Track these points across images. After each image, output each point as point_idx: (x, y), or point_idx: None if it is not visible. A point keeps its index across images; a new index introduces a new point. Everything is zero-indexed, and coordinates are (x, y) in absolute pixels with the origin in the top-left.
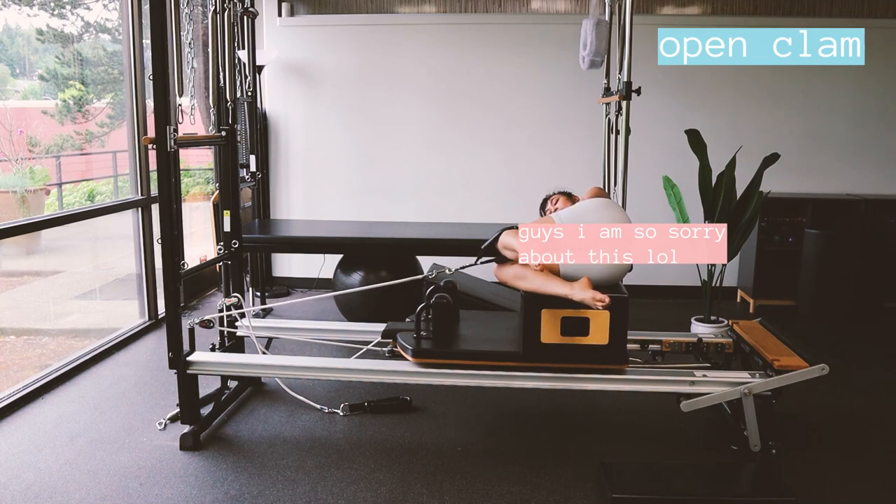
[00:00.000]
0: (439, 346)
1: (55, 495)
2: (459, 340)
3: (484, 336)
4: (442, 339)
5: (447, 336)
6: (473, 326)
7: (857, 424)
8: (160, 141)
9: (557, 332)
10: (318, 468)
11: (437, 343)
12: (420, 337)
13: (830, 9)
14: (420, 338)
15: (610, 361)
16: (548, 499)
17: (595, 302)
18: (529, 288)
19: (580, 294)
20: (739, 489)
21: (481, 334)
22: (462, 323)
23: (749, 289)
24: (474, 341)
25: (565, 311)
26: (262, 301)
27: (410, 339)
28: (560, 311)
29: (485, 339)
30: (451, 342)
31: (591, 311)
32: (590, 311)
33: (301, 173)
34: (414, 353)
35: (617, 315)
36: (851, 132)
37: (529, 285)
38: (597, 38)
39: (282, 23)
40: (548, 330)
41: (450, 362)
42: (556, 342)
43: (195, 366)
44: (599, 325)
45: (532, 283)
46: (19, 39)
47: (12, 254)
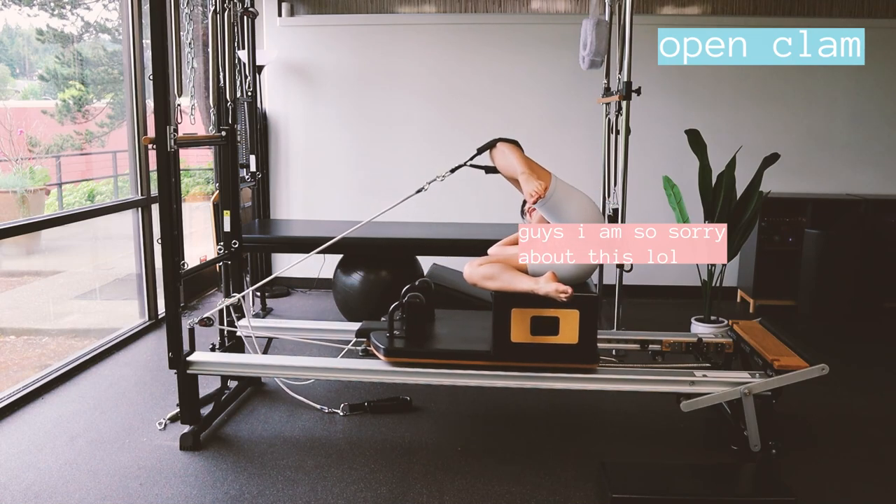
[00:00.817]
0: (411, 346)
1: (55, 495)
2: (431, 340)
3: (457, 335)
4: (414, 338)
5: (420, 335)
6: (447, 326)
7: (857, 424)
8: (160, 141)
9: (527, 331)
10: (318, 468)
11: (410, 342)
12: (393, 336)
13: (830, 9)
14: (393, 337)
15: (580, 361)
16: (548, 499)
17: (559, 294)
18: (498, 287)
19: (545, 287)
20: (739, 489)
21: (454, 333)
22: (437, 322)
23: (749, 289)
24: (446, 340)
25: (535, 311)
26: (262, 301)
27: (383, 338)
28: (530, 310)
29: (457, 338)
30: (424, 341)
31: (560, 310)
32: (560, 310)
33: (301, 173)
34: (386, 352)
35: (586, 314)
36: (851, 132)
37: (498, 284)
38: (597, 38)
39: (282, 23)
40: (518, 329)
41: (421, 361)
42: (526, 341)
43: (195, 366)
44: (569, 324)
45: (500, 281)
46: (19, 39)
47: (12, 254)
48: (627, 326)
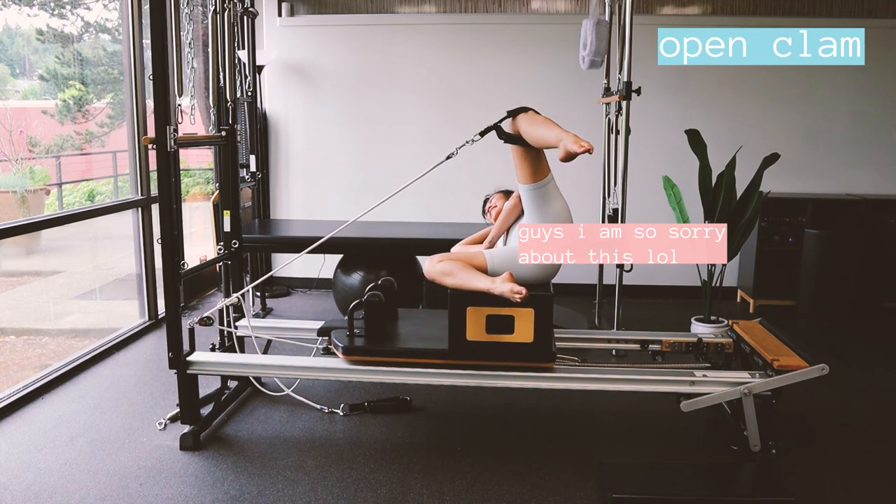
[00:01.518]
0: (369, 344)
1: (55, 495)
2: (390, 338)
3: (416, 334)
4: (373, 337)
5: (379, 334)
6: (408, 324)
7: (857, 424)
8: (160, 141)
9: (483, 329)
10: (318, 468)
11: (368, 341)
12: (352, 335)
13: (830, 9)
14: (352, 335)
15: (536, 359)
16: (548, 499)
17: (513, 294)
18: (455, 284)
19: (500, 287)
20: (739, 489)
21: (414, 332)
22: (399, 321)
23: (749, 289)
24: (405, 339)
25: (490, 309)
26: (263, 301)
27: (343, 336)
28: (485, 308)
29: (416, 336)
30: (382, 340)
31: (516, 309)
32: (515, 309)
33: (301, 173)
34: (344, 350)
35: (542, 313)
36: (851, 132)
37: (455, 282)
38: (597, 38)
39: (282, 23)
40: (473, 328)
41: (379, 360)
42: (482, 340)
43: (195, 366)
44: (524, 323)
45: (457, 279)
46: (19, 39)
47: (12, 254)
48: (627, 326)
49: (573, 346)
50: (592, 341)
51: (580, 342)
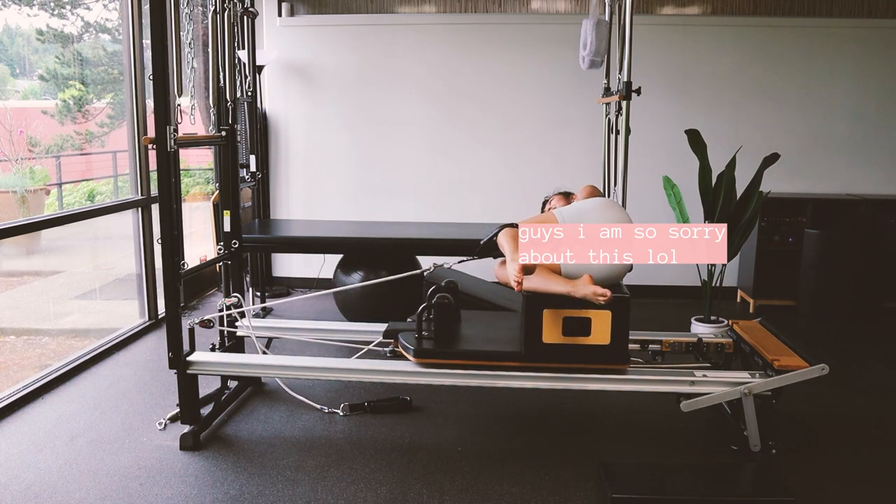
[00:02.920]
0: (440, 347)
1: (55, 495)
2: (461, 340)
3: (485, 336)
4: (443, 339)
5: (448, 336)
6: (475, 326)
7: (857, 424)
8: (160, 141)
9: (559, 331)
10: (318, 468)
11: (439, 343)
12: (422, 337)
13: (830, 9)
14: (422, 338)
15: (612, 361)
16: (548, 499)
17: (597, 297)
18: (531, 287)
19: (582, 290)
20: (739, 489)
21: (483, 334)
22: (464, 323)
23: (749, 289)
24: (476, 341)
25: (567, 311)
26: (262, 301)
27: (412, 339)
28: (562, 311)
29: (486, 339)
30: (453, 342)
31: (593, 311)
32: (592, 311)
33: (301, 173)
34: (416, 353)
35: (619, 315)
36: (851, 132)
37: (531, 285)
38: (597, 38)
39: (282, 23)
40: (549, 330)
41: (451, 362)
42: (558, 342)
43: (195, 366)
44: (601, 324)
45: (533, 282)
46: (19, 39)
47: (12, 254)
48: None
49: None
50: None
51: None
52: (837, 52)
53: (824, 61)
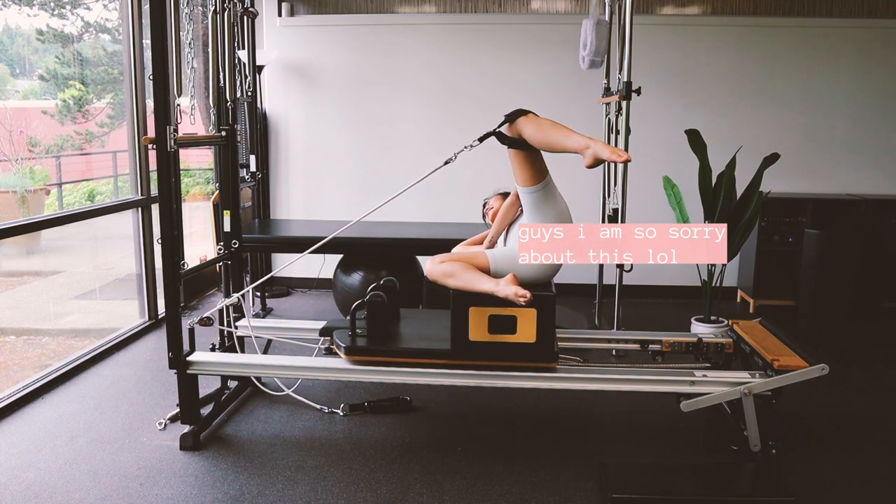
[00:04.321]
0: (372, 344)
1: (55, 495)
2: (392, 338)
3: (418, 334)
4: (375, 337)
5: (381, 334)
6: (410, 325)
7: (857, 424)
8: (160, 141)
9: (485, 330)
10: (318, 468)
11: (371, 341)
12: (354, 335)
13: (830, 9)
14: (354, 335)
15: (538, 359)
16: (548, 499)
17: (518, 297)
18: (458, 286)
19: (505, 290)
20: (739, 489)
21: (416, 332)
22: (401, 321)
23: (749, 289)
24: (407, 339)
25: (493, 310)
26: (263, 301)
27: (345, 336)
28: (487, 309)
29: (418, 337)
30: (384, 340)
31: (518, 309)
32: (517, 309)
33: (301, 173)
34: (347, 350)
35: (544, 313)
36: (851, 132)
37: (458, 283)
38: (597, 38)
39: (282, 23)
40: (476, 328)
41: (381, 360)
42: (484, 340)
43: (195, 366)
44: (527, 323)
45: (460, 280)
46: (19, 39)
47: (12, 254)
48: (627, 326)
49: (573, 346)
50: (592, 341)
51: (580, 342)
52: (837, 52)
53: (824, 61)
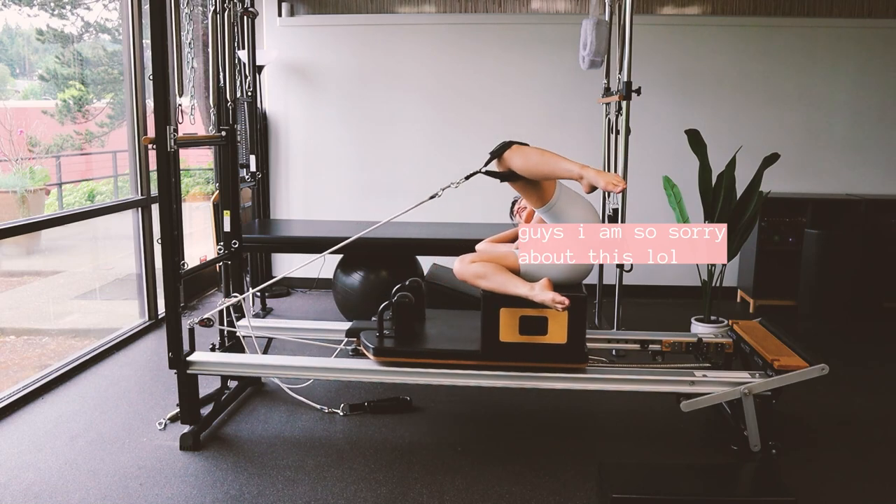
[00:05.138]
0: (400, 345)
1: (55, 495)
2: (421, 339)
3: (446, 335)
4: (403, 337)
5: (409, 335)
6: (437, 325)
7: (857, 424)
8: (160, 141)
9: (516, 330)
10: (318, 468)
11: (399, 342)
12: (382, 336)
13: (830, 9)
14: (382, 336)
15: (569, 360)
16: (548, 499)
17: (555, 304)
18: (490, 287)
19: (541, 296)
20: (739, 489)
21: (444, 333)
22: (427, 322)
23: (749, 289)
24: (435, 340)
25: (524, 310)
26: (263, 301)
27: (373, 337)
28: (518, 309)
29: (447, 337)
30: (412, 341)
31: (549, 310)
32: (548, 310)
33: (301, 173)
34: (375, 351)
35: (575, 314)
36: (851, 132)
37: (490, 284)
38: (597, 38)
39: (282, 23)
40: (506, 329)
41: (410, 361)
42: (515, 341)
43: (195, 366)
44: (558, 324)
45: (493, 282)
46: (19, 39)
47: (12, 254)
48: (627, 326)
49: None
50: (592, 341)
51: None
52: (837, 52)
53: (824, 61)
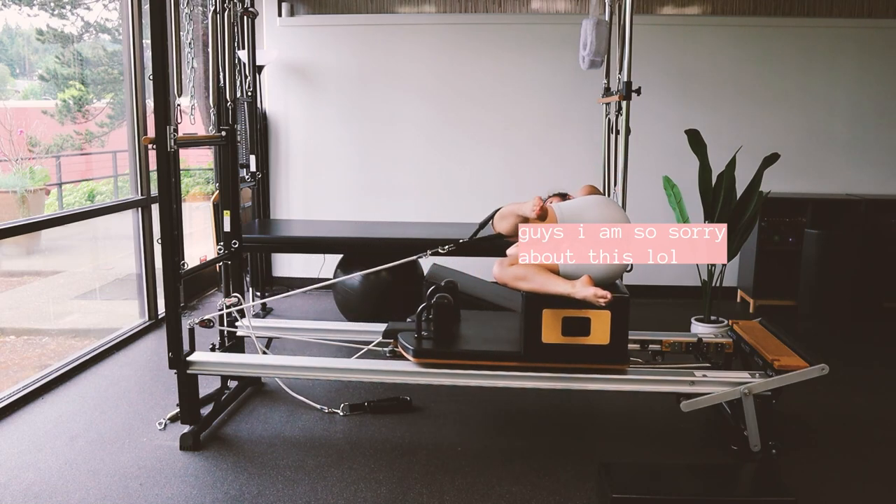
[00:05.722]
0: (440, 347)
1: (55, 495)
2: (460, 340)
3: (485, 336)
4: (443, 339)
5: (448, 336)
6: (474, 326)
7: (857, 424)
8: (160, 141)
9: (559, 332)
10: (318, 468)
11: (438, 343)
12: (421, 337)
13: (830, 9)
14: (421, 338)
15: (611, 361)
16: (548, 499)
17: (597, 299)
18: (530, 288)
19: (582, 292)
20: (739, 489)
21: (482, 334)
22: (463, 323)
23: (749, 289)
24: (475, 341)
25: (567, 311)
26: (263, 302)
27: (411, 339)
28: (561, 311)
29: (486, 339)
30: (452, 342)
31: (592, 311)
32: (591, 311)
33: (301, 173)
34: (415, 353)
35: (618, 315)
36: (851, 132)
37: (531, 286)
38: (597, 38)
39: (282, 23)
40: (549, 330)
41: (451, 362)
42: (557, 342)
43: (195, 366)
44: (601, 324)
45: (533, 283)
46: (19, 39)
47: (12, 254)
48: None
49: None
50: None
51: None
52: (837, 52)
53: (824, 61)
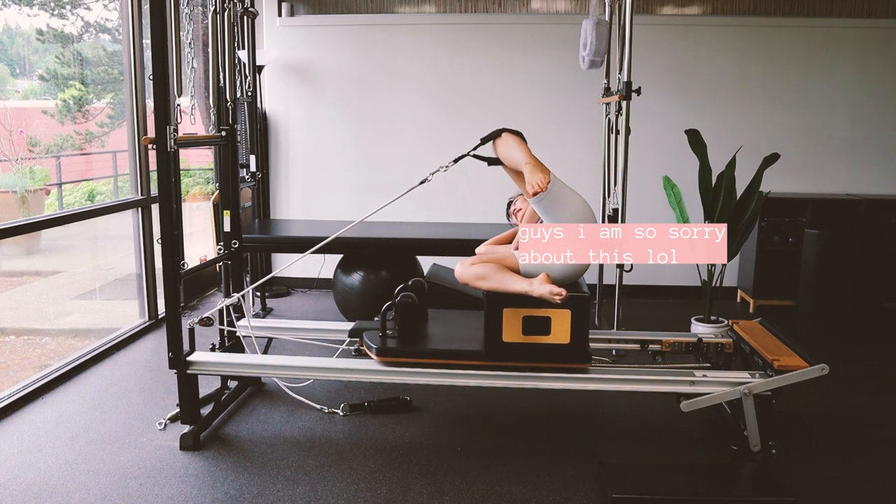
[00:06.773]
0: (403, 345)
1: (55, 495)
2: (424, 339)
3: (449, 335)
4: (406, 338)
5: (412, 335)
6: (440, 325)
7: (857, 424)
8: (160, 141)
9: (519, 331)
10: (318, 468)
11: (402, 342)
12: (385, 336)
13: (830, 9)
14: (385, 337)
15: (572, 360)
16: (548, 499)
17: (553, 296)
18: (491, 287)
19: (539, 289)
20: (739, 489)
21: (447, 333)
22: (430, 322)
23: (749, 289)
24: (439, 340)
25: (527, 311)
26: (262, 301)
27: (376, 337)
28: (521, 310)
29: (449, 337)
30: (415, 341)
31: (552, 310)
32: (551, 310)
33: (301, 173)
34: (378, 351)
35: (578, 314)
36: (851, 132)
37: (490, 284)
38: (597, 38)
39: (282, 23)
40: (509, 329)
41: (413, 361)
42: (518, 341)
43: (195, 366)
44: (561, 324)
45: (493, 282)
46: (19, 39)
47: (12, 254)
48: (627, 326)
49: None
50: (593, 341)
51: None
52: (837, 53)
53: (824, 61)
